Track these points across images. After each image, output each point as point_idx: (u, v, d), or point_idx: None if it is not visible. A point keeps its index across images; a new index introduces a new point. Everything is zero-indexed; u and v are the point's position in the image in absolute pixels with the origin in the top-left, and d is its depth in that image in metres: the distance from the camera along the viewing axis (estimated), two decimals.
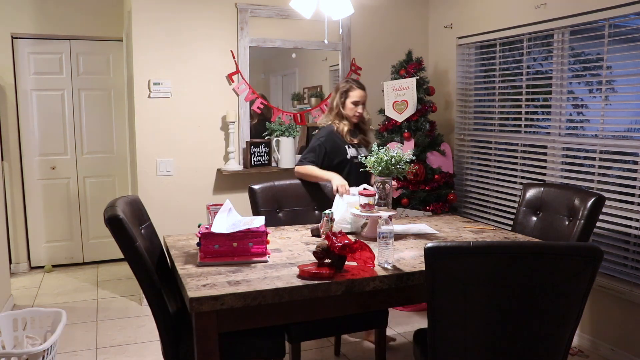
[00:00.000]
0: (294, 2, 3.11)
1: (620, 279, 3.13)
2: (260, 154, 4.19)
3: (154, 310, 2.16)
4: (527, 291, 1.68)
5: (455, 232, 2.82)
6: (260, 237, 2.25)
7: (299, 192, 3.22)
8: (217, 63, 4.11)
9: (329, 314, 2.23)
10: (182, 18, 3.98)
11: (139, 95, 3.92)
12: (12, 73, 4.63)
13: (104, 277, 4.65)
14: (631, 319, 3.07)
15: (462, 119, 4.42)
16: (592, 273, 1.67)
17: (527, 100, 3.81)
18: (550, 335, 1.73)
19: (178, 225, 3.95)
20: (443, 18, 4.51)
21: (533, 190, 3.00)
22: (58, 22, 4.68)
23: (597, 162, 3.27)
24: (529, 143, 3.78)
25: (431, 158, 4.08)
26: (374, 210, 2.64)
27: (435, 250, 1.67)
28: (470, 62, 4.34)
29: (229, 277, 2.03)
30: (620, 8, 3.02)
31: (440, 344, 1.78)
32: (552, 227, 2.79)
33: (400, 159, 2.68)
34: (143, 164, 3.97)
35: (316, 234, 2.69)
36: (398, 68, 4.23)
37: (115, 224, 2.08)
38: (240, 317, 1.94)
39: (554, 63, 3.57)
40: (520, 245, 1.73)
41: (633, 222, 3.06)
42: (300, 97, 4.63)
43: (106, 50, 4.93)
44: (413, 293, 2.21)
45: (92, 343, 3.38)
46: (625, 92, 3.19)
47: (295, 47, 4.33)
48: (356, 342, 3.42)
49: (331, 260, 2.09)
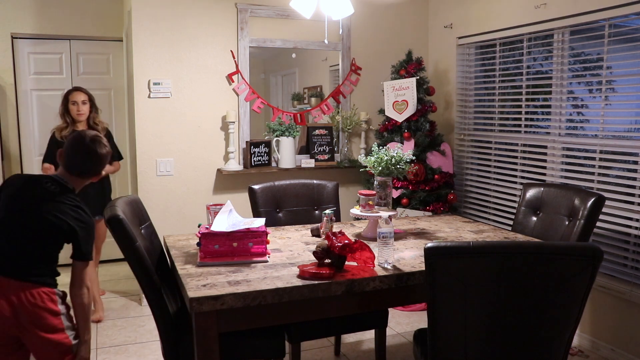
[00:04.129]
0: (294, 2, 3.11)
1: (620, 279, 3.13)
2: (260, 154, 4.19)
3: (154, 310, 2.16)
4: (527, 291, 1.68)
5: (455, 232, 2.82)
6: (260, 237, 2.25)
7: (299, 192, 3.22)
8: (217, 63, 4.11)
9: (329, 314, 2.23)
10: (182, 18, 3.98)
11: (139, 95, 3.92)
12: (12, 73, 4.63)
13: (104, 277, 4.64)
14: (631, 319, 3.07)
15: (462, 119, 4.42)
16: (592, 273, 1.67)
17: (527, 100, 3.80)
18: (550, 335, 1.73)
19: (178, 225, 3.95)
20: (443, 18, 4.51)
21: (533, 190, 3.00)
22: (58, 22, 4.68)
23: (597, 162, 3.27)
24: (529, 143, 3.78)
25: (431, 158, 4.08)
26: (374, 210, 2.64)
27: (435, 250, 1.67)
28: (470, 62, 4.34)
29: (229, 277, 2.03)
30: (620, 8, 3.02)
31: (440, 344, 1.78)
32: (552, 227, 2.80)
33: (400, 159, 2.68)
34: (143, 164, 3.97)
35: (316, 234, 2.69)
36: (398, 68, 4.23)
37: (115, 224, 2.08)
38: (240, 317, 1.95)
39: (554, 63, 3.57)
40: (520, 245, 1.73)
41: (633, 222, 3.06)
42: (300, 97, 4.63)
43: (106, 50, 4.93)
44: (413, 293, 2.21)
45: (92, 343, 3.37)
46: (625, 92, 3.19)
47: (295, 47, 4.33)
48: (356, 342, 3.42)
49: (331, 260, 2.09)
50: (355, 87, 4.51)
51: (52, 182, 2.11)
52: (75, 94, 3.65)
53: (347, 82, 4.47)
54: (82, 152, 2.16)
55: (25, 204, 2.06)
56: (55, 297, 2.07)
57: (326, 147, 4.42)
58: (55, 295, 2.07)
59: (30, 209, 2.05)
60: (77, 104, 3.61)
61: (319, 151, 4.40)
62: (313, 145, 4.39)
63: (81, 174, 2.18)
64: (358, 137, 4.57)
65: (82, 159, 2.16)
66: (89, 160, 2.17)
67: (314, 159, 4.36)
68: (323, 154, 4.40)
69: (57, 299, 2.07)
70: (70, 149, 2.17)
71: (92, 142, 2.17)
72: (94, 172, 2.21)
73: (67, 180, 2.14)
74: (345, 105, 4.49)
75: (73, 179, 2.17)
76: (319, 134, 4.41)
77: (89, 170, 2.20)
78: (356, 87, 4.52)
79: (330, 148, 4.43)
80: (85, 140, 2.17)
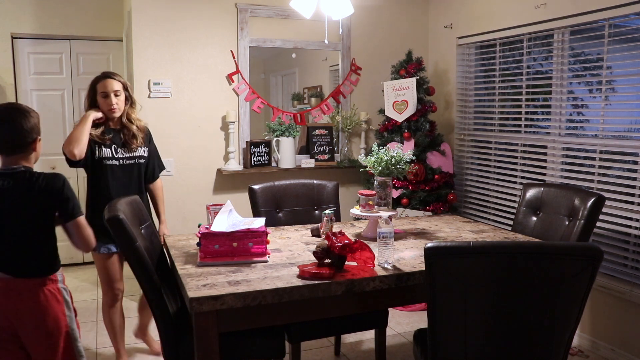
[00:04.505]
0: (294, 2, 3.11)
1: (620, 279, 3.13)
2: (260, 154, 4.19)
3: (154, 310, 2.16)
4: (527, 291, 1.68)
5: (455, 232, 2.82)
6: (260, 237, 2.25)
7: (299, 192, 3.22)
8: (217, 63, 4.11)
9: (329, 314, 2.23)
10: (182, 18, 3.98)
11: (139, 95, 3.92)
12: (12, 73, 4.63)
13: None
14: (631, 319, 3.07)
15: (462, 119, 4.41)
16: (592, 273, 1.67)
17: (527, 100, 3.80)
18: (550, 335, 1.73)
19: (178, 225, 3.95)
20: (443, 18, 4.51)
21: (533, 190, 3.00)
22: (58, 22, 4.68)
23: (597, 162, 3.27)
24: (529, 143, 3.78)
25: (431, 158, 4.08)
26: (374, 210, 2.64)
27: (435, 250, 1.67)
28: (470, 62, 4.34)
29: (229, 277, 2.03)
30: (620, 8, 3.02)
31: (440, 344, 1.78)
32: (552, 227, 2.79)
33: (400, 159, 2.68)
34: None
35: (316, 234, 2.69)
36: (398, 68, 4.23)
37: (115, 224, 2.08)
38: (240, 317, 1.95)
39: (554, 63, 3.57)
40: (520, 245, 1.73)
41: (633, 222, 3.06)
42: (300, 97, 4.63)
43: (106, 50, 4.93)
44: (413, 293, 2.21)
45: (92, 343, 3.37)
46: (625, 92, 3.19)
47: (295, 47, 4.33)
48: (356, 342, 3.42)
49: (331, 260, 2.09)
50: (355, 87, 4.52)
51: (1, 177, 1.98)
52: (106, 82, 2.75)
53: (347, 82, 4.47)
54: (2, 124, 1.99)
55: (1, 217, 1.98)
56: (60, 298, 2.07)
57: (326, 147, 4.42)
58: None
59: (5, 219, 1.97)
60: (109, 95, 2.76)
61: (319, 151, 4.40)
62: (313, 145, 4.39)
63: (10, 149, 2.00)
64: (358, 137, 4.57)
65: (5, 132, 1.99)
66: (12, 128, 1.98)
67: (314, 159, 4.36)
68: (323, 154, 4.41)
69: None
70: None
71: (7, 109, 2.03)
72: (18, 144, 2.00)
73: (8, 164, 2.01)
74: (345, 105, 4.49)
75: (6, 160, 2.02)
76: (319, 134, 4.41)
77: (17, 141, 1.99)
78: (356, 87, 4.52)
79: (330, 148, 4.43)
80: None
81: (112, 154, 2.81)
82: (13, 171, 1.99)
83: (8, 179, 1.98)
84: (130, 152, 2.85)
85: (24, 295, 1.98)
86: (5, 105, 2.07)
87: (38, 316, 2.00)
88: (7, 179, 1.98)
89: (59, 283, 2.08)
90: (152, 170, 3.00)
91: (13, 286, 1.98)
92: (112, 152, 2.81)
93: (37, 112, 2.08)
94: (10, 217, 1.98)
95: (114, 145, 2.82)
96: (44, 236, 2.04)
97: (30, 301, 1.98)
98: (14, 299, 1.97)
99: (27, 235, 2.00)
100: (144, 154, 2.92)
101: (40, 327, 2.01)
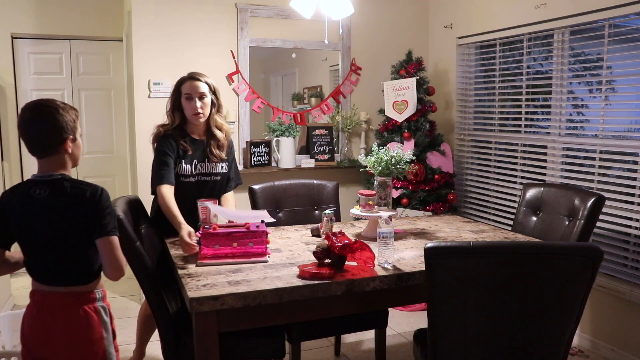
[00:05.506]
0: (294, 2, 3.11)
1: (620, 279, 3.13)
2: (260, 154, 4.19)
3: (154, 310, 2.16)
4: (527, 291, 1.68)
5: (455, 232, 2.82)
6: (260, 237, 2.25)
7: (299, 192, 3.22)
8: (217, 63, 4.10)
9: (329, 314, 2.23)
10: (182, 18, 3.98)
11: (139, 95, 3.92)
12: (12, 73, 4.63)
13: (103, 277, 4.65)
14: (631, 319, 3.07)
15: (462, 119, 4.41)
16: (592, 273, 1.67)
17: (527, 100, 3.80)
18: (550, 335, 1.73)
19: None
20: (443, 18, 4.51)
21: (533, 190, 3.00)
22: (58, 22, 4.68)
23: (597, 162, 3.27)
24: (529, 143, 3.78)
25: (431, 158, 4.08)
26: (374, 210, 2.64)
27: (435, 250, 1.67)
28: (470, 62, 4.34)
29: (229, 277, 2.03)
30: (620, 8, 3.02)
31: (440, 344, 1.78)
32: (552, 227, 2.79)
33: (400, 159, 2.68)
34: (143, 164, 3.97)
35: (316, 234, 2.69)
36: (398, 68, 4.23)
37: None
38: (240, 317, 1.95)
39: (554, 63, 3.57)
40: (520, 245, 1.73)
41: (633, 222, 3.06)
42: (300, 97, 4.63)
43: (106, 50, 4.93)
44: (413, 293, 2.21)
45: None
46: (625, 92, 3.19)
47: (295, 47, 4.33)
48: (356, 342, 3.42)
49: (331, 260, 2.09)
50: (355, 87, 4.51)
51: (37, 185, 1.81)
52: (191, 83, 2.56)
53: (347, 82, 4.47)
54: (29, 122, 1.78)
55: (37, 226, 1.81)
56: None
57: (326, 147, 4.42)
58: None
59: (43, 229, 1.81)
60: (193, 98, 2.56)
61: (319, 151, 4.40)
62: (313, 145, 4.39)
63: (40, 150, 1.80)
64: (358, 137, 4.57)
65: (32, 130, 1.79)
66: (38, 127, 1.78)
67: (314, 159, 4.36)
68: (323, 154, 4.41)
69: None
70: (20, 129, 1.81)
71: (35, 106, 1.81)
72: (44, 145, 1.79)
73: (44, 170, 1.82)
74: (345, 105, 4.49)
75: (42, 165, 1.82)
76: (319, 134, 4.41)
77: (45, 141, 1.79)
78: (356, 87, 4.52)
79: (330, 148, 4.43)
80: (27, 107, 1.81)
81: (190, 171, 2.61)
82: (49, 178, 1.81)
83: (44, 187, 1.79)
84: (209, 169, 2.65)
85: (56, 314, 1.80)
86: (34, 102, 1.83)
87: (71, 338, 1.80)
88: (43, 187, 1.79)
89: (97, 302, 1.89)
90: (226, 183, 2.76)
91: (48, 302, 1.81)
92: (191, 169, 2.61)
93: (76, 109, 1.87)
94: (47, 227, 1.80)
95: (195, 160, 2.61)
96: (81, 248, 1.83)
97: (63, 321, 1.79)
98: (47, 316, 1.80)
99: (63, 246, 1.82)
100: (222, 170, 2.69)
101: (72, 350, 1.81)
